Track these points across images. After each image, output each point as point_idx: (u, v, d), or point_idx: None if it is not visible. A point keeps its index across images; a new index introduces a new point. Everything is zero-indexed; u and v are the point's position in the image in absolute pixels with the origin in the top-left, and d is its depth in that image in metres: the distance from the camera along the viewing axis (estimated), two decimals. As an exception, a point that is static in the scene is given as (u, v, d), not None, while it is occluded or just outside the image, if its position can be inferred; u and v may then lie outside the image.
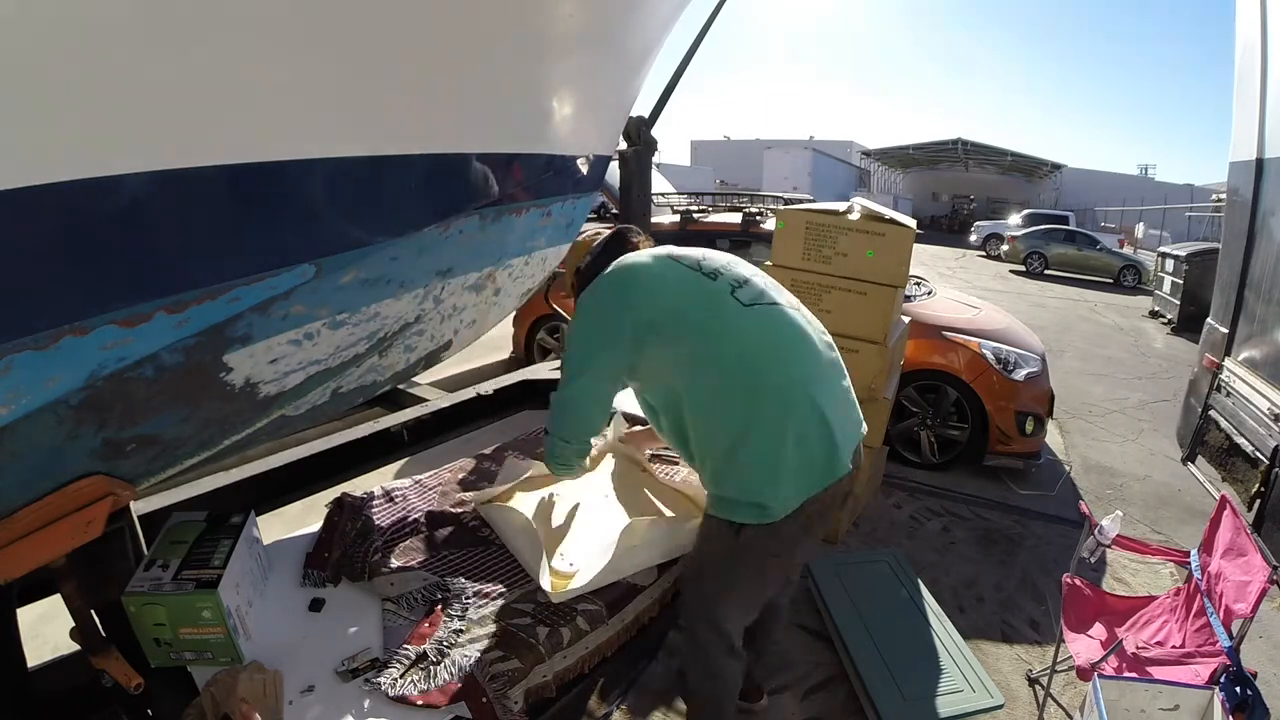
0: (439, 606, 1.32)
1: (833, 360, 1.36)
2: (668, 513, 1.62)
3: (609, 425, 1.89)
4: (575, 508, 1.64)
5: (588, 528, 1.57)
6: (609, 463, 1.88)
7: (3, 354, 0.73)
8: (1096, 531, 1.89)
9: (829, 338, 1.41)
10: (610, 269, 1.37)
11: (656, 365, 1.30)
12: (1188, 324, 8.05)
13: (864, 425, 1.41)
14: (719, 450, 1.27)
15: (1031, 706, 2.04)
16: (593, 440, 1.44)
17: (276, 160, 0.93)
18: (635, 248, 1.49)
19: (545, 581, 1.34)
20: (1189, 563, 1.84)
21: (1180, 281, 8.47)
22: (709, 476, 1.32)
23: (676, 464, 1.88)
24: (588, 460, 1.50)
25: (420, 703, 1.10)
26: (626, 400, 1.64)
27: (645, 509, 1.64)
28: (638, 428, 1.94)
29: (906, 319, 3.29)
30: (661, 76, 3.69)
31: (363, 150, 1.07)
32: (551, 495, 1.67)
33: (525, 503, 1.64)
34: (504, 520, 1.54)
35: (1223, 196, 6.44)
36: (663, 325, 1.26)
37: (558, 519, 1.60)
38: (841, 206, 2.83)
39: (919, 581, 2.33)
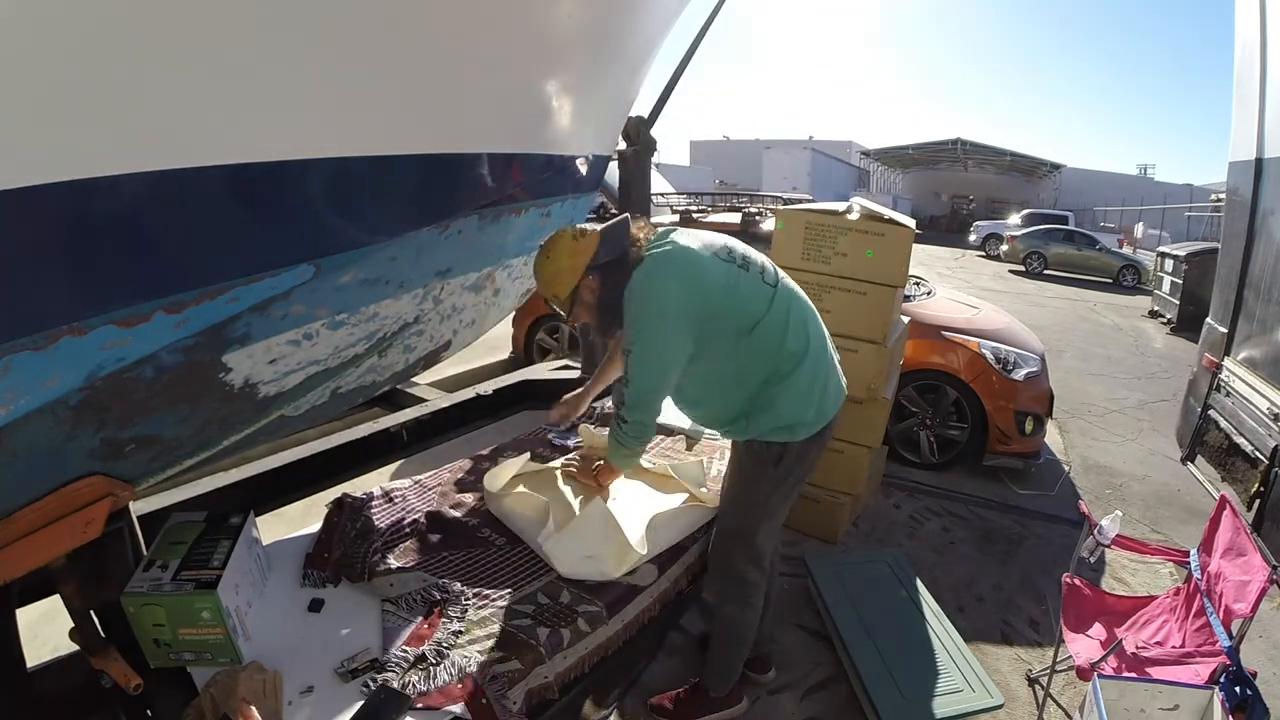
0: (438, 607, 1.32)
1: (827, 332, 1.70)
2: (672, 501, 1.78)
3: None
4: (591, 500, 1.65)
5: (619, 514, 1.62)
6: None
7: (2, 354, 0.73)
8: (1096, 531, 1.89)
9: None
10: (664, 262, 1.44)
11: (705, 343, 1.48)
12: (1187, 324, 8.04)
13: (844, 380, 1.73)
14: (753, 395, 1.53)
15: (1031, 706, 2.04)
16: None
17: (276, 160, 0.93)
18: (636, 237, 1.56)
19: (605, 565, 1.47)
20: (1188, 563, 1.84)
21: (1180, 281, 8.46)
22: (739, 423, 1.56)
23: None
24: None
25: (420, 704, 1.10)
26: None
27: (652, 497, 1.79)
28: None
29: (906, 319, 3.28)
30: (661, 76, 3.68)
31: (362, 150, 1.07)
32: (565, 493, 1.68)
33: (535, 502, 1.63)
34: (519, 513, 1.58)
35: (1222, 196, 6.44)
36: (723, 311, 1.47)
37: (580, 509, 1.61)
38: (841, 206, 2.83)
39: (919, 581, 2.33)
